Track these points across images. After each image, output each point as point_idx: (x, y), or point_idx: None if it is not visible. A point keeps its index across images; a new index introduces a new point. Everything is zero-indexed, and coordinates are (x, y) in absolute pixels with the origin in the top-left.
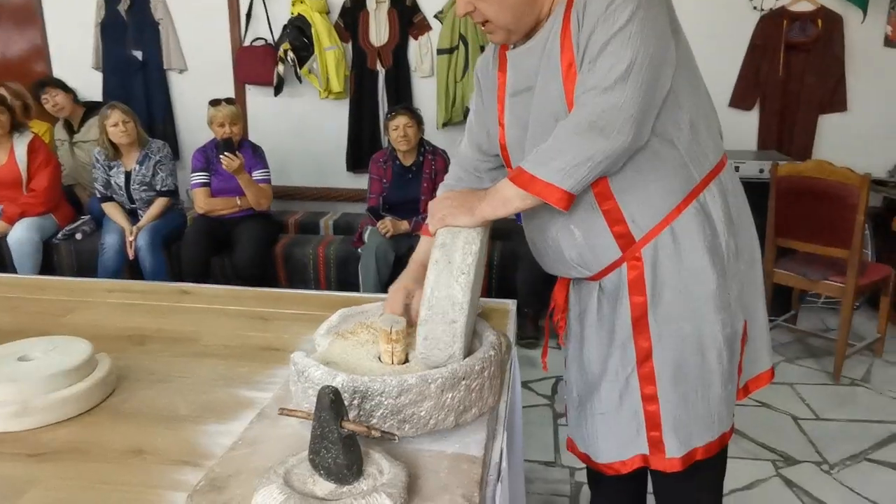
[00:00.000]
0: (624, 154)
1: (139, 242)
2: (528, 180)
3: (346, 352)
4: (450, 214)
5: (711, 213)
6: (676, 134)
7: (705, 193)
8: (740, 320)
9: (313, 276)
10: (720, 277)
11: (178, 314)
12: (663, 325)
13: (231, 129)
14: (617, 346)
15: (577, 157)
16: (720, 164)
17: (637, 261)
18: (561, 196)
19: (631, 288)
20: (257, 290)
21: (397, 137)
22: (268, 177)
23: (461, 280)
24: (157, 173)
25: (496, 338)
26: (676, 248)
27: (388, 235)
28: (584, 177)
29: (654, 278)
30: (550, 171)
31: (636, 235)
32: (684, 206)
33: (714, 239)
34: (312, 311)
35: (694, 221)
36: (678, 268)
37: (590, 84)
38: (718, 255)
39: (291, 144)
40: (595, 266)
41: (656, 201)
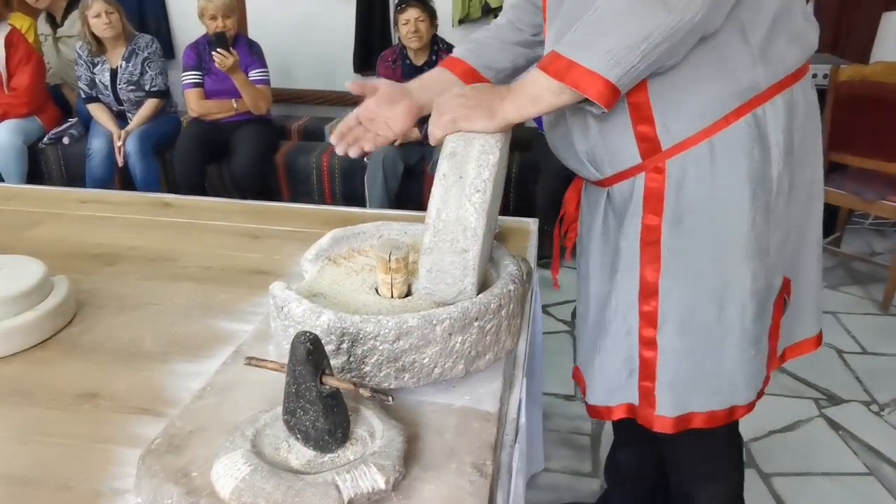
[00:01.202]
0: (689, 36)
1: (128, 148)
2: (565, 68)
3: (337, 281)
4: (462, 116)
5: (768, 134)
6: (752, 23)
7: (767, 107)
8: (779, 274)
9: (317, 188)
10: (760, 216)
11: (157, 229)
12: (678, 260)
13: (224, 23)
14: (621, 270)
15: (629, 36)
16: (797, 73)
17: (658, 173)
18: (603, 89)
19: (646, 204)
20: (248, 203)
21: (407, 33)
22: (266, 77)
23: (475, 199)
24: (145, 71)
25: (516, 267)
26: (712, 169)
27: (397, 143)
28: (635, 64)
29: (677, 200)
30: (594, 56)
31: (664, 142)
32: (735, 118)
33: (763, 167)
34: (310, 229)
35: (743, 139)
36: (709, 193)
37: None
38: (764, 189)
39: (294, 43)
40: (607, 167)
41: (700, 105)
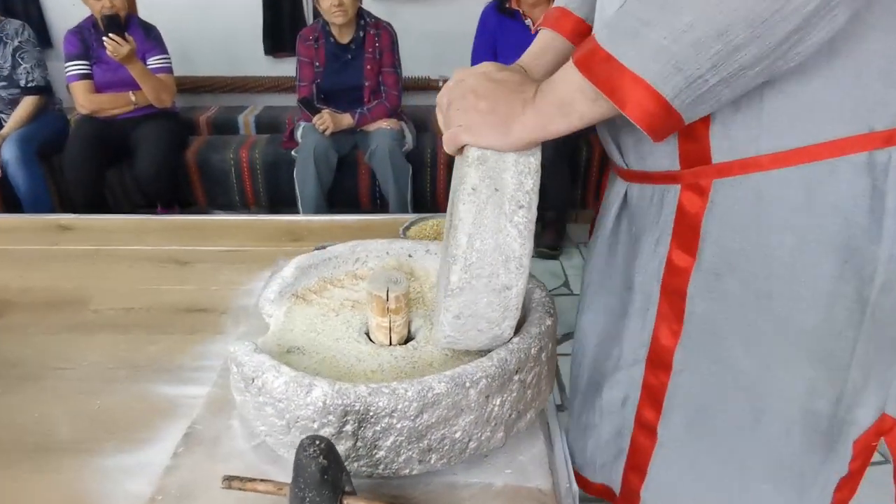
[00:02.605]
0: (793, 36)
1: (6, 156)
2: (602, 64)
3: (313, 327)
4: (468, 128)
5: (886, 193)
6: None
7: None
8: (866, 406)
9: (237, 187)
10: (843, 309)
11: (56, 263)
12: (706, 330)
13: (112, 2)
14: (631, 312)
15: (701, 22)
16: None
17: (700, 194)
18: (649, 106)
19: (676, 233)
20: (168, 219)
21: (330, 7)
22: (168, 64)
23: (518, 218)
24: (18, 64)
25: (543, 292)
26: (780, 216)
27: (328, 132)
28: (704, 73)
29: (720, 242)
30: (642, 50)
31: (716, 153)
32: (835, 154)
33: (866, 238)
34: (247, 246)
35: (840, 189)
36: (768, 250)
37: None
38: (859, 271)
39: (193, 24)
40: (633, 159)
41: (789, 115)
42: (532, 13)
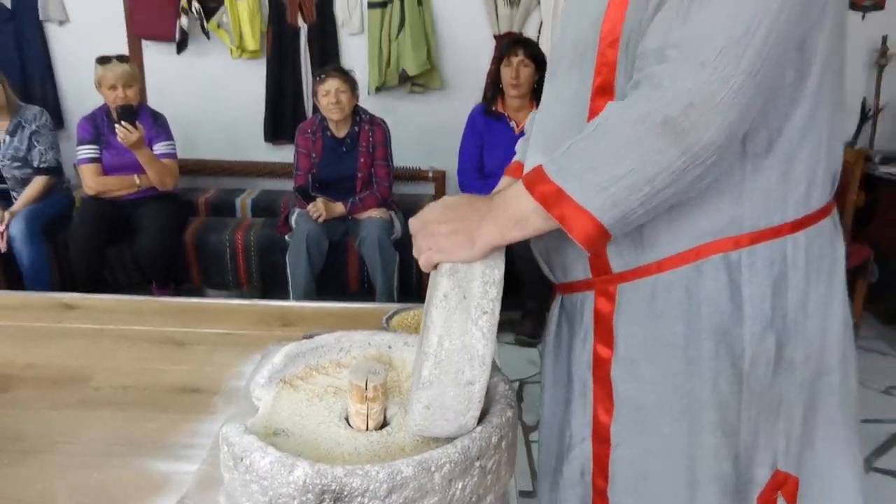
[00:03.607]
0: (698, 181)
1: (13, 231)
2: (553, 195)
3: (298, 412)
4: (438, 249)
5: (741, 287)
6: (755, 151)
7: (746, 252)
8: (765, 466)
9: (231, 268)
10: (725, 382)
11: (60, 340)
12: (632, 408)
13: (125, 93)
14: (574, 401)
15: (634, 171)
16: (802, 222)
17: (609, 299)
18: (592, 232)
19: (597, 331)
20: (166, 301)
21: (328, 104)
22: (172, 150)
23: (482, 323)
24: (33, 146)
25: (507, 385)
26: (669, 311)
27: (321, 220)
28: (633, 209)
29: (629, 335)
30: (587, 188)
31: (614, 265)
32: (701, 256)
33: (731, 326)
34: (240, 330)
35: (706, 286)
36: (665, 338)
37: (674, 39)
38: (731, 352)
39: (199, 111)
40: (559, 273)
41: (660, 233)
42: (516, 116)
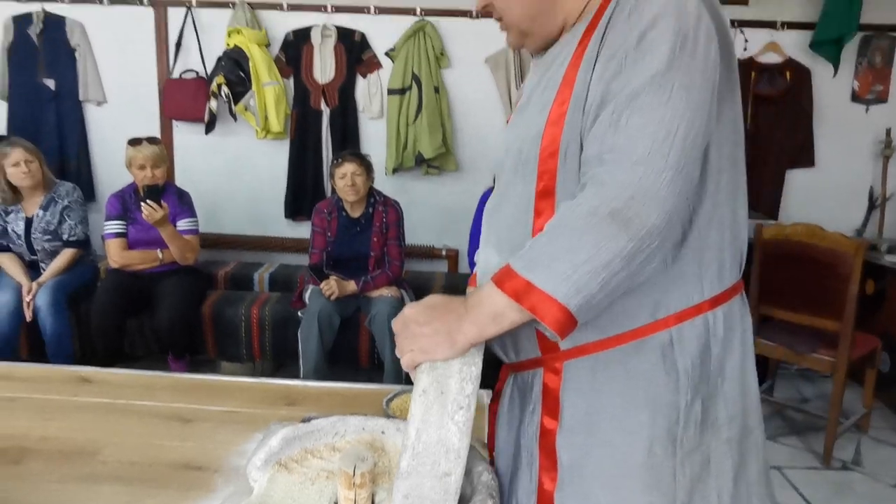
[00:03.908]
0: (646, 264)
1: (39, 301)
2: (523, 288)
3: (291, 494)
4: (421, 350)
5: (676, 360)
6: (673, 242)
7: (676, 330)
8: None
9: (245, 341)
10: (659, 446)
11: (74, 413)
12: (574, 475)
13: (153, 173)
14: (521, 468)
15: (591, 259)
16: (718, 299)
17: (556, 374)
18: (561, 317)
19: (545, 403)
20: (176, 377)
21: (344, 187)
22: (195, 227)
23: (458, 417)
24: (64, 220)
25: (491, 475)
26: (609, 385)
27: (333, 298)
28: (594, 293)
29: (573, 406)
30: (553, 278)
31: (562, 343)
32: (637, 336)
33: (667, 395)
34: (245, 408)
35: (644, 361)
36: (604, 409)
37: (609, 145)
38: (666, 417)
39: (223, 188)
40: (511, 354)
41: (604, 316)
42: None
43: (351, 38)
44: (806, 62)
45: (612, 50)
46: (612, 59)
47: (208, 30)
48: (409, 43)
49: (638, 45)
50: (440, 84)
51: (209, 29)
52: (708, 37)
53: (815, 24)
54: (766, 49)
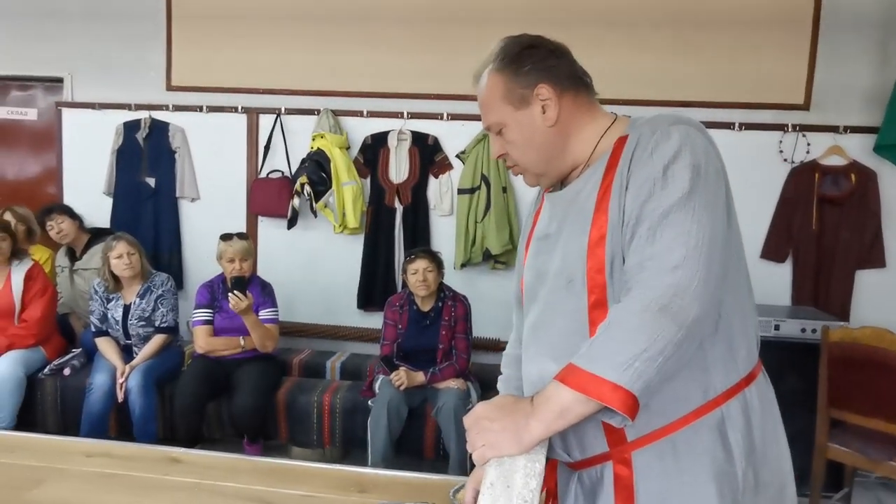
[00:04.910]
0: (690, 348)
1: (130, 383)
2: (587, 381)
3: None
4: (490, 446)
5: (728, 434)
6: (709, 332)
7: (724, 409)
8: None
9: (316, 428)
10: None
11: (164, 491)
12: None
13: (241, 266)
14: None
15: (648, 348)
16: (750, 377)
17: (626, 464)
18: (629, 401)
19: (617, 492)
20: (257, 461)
21: (416, 282)
22: (276, 316)
23: None
24: (157, 308)
25: None
26: (677, 466)
27: (403, 388)
28: (653, 377)
29: (647, 491)
30: (615, 368)
31: (629, 434)
32: (693, 419)
33: (727, 466)
34: (320, 493)
35: (704, 439)
36: (676, 489)
37: (650, 253)
38: (730, 487)
39: (301, 279)
40: (577, 452)
41: (661, 404)
42: None
43: (424, 142)
44: (871, 164)
45: (640, 180)
46: (643, 187)
47: (294, 134)
48: (479, 146)
49: (664, 175)
50: (508, 184)
51: (295, 133)
52: (715, 166)
53: (877, 128)
54: (829, 152)
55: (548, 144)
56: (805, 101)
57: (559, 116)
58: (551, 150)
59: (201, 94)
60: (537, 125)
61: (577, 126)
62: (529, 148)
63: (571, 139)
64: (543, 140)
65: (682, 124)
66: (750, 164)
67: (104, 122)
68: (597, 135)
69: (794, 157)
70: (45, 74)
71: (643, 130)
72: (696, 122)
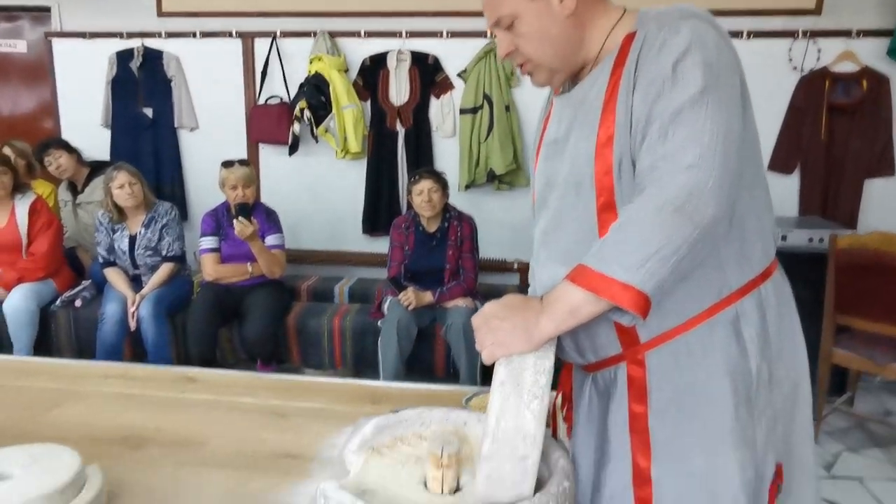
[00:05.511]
0: (705, 247)
1: (142, 312)
2: (598, 281)
3: (383, 475)
4: (499, 344)
5: (742, 331)
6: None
7: (739, 306)
8: (771, 463)
9: (328, 350)
10: (742, 410)
11: (183, 408)
12: (667, 449)
13: (244, 192)
14: (613, 459)
15: (662, 248)
16: (765, 273)
17: (639, 365)
18: (641, 301)
19: (631, 393)
20: (272, 377)
21: (421, 203)
22: (282, 242)
23: (534, 406)
24: (163, 237)
25: (566, 461)
26: (690, 363)
27: (411, 308)
28: (666, 277)
29: (660, 390)
30: (628, 268)
31: (642, 336)
32: (707, 317)
33: (741, 363)
34: (334, 405)
35: (718, 337)
36: (689, 387)
37: (662, 153)
38: (743, 384)
39: (305, 206)
40: (590, 355)
41: (674, 304)
42: None
43: (424, 62)
44: (884, 69)
45: (648, 78)
46: (652, 87)
47: (291, 58)
48: (480, 64)
49: (673, 73)
50: (511, 103)
51: (292, 57)
52: (727, 59)
53: (892, 30)
54: (840, 58)
55: (564, 37)
56: (816, 4)
57: (577, 5)
58: (567, 43)
59: (194, 19)
60: (555, 14)
61: (592, 17)
62: (544, 41)
63: (586, 31)
64: (560, 32)
65: (692, 18)
66: (758, 73)
67: (96, 52)
68: (607, 30)
69: (804, 65)
70: (32, 3)
71: (650, 27)
72: (707, 14)
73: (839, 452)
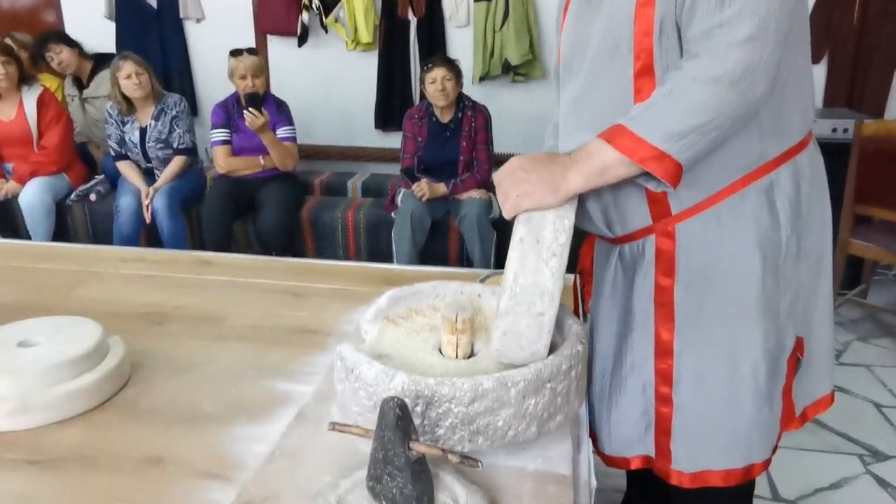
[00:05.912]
0: (748, 119)
1: (156, 205)
2: (635, 144)
3: (399, 342)
4: (526, 195)
5: (776, 201)
6: None
7: (774, 175)
8: (791, 335)
9: (342, 243)
10: (770, 278)
11: (201, 288)
12: (691, 320)
13: (254, 82)
14: (636, 330)
15: (708, 122)
16: (802, 143)
17: (668, 237)
18: (675, 170)
19: (658, 265)
20: (287, 260)
21: (434, 92)
22: (293, 134)
23: (552, 264)
24: (173, 129)
25: (580, 326)
26: (720, 235)
27: (425, 199)
28: (703, 149)
29: (688, 262)
30: (668, 138)
31: (673, 207)
32: (742, 186)
33: (772, 232)
34: (350, 286)
35: (750, 206)
36: (718, 258)
37: (718, 20)
38: (773, 253)
39: (316, 100)
40: (619, 228)
41: (708, 174)
42: None
43: None
44: None
45: None
46: None
47: None
48: None
49: None
50: None
51: None
52: None
53: None
54: None
55: None
56: None
57: None
58: None
59: None
60: None
61: None
62: None
63: None
64: None
65: None
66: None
67: None
68: None
69: None
70: None
71: None
72: None
73: (849, 342)
